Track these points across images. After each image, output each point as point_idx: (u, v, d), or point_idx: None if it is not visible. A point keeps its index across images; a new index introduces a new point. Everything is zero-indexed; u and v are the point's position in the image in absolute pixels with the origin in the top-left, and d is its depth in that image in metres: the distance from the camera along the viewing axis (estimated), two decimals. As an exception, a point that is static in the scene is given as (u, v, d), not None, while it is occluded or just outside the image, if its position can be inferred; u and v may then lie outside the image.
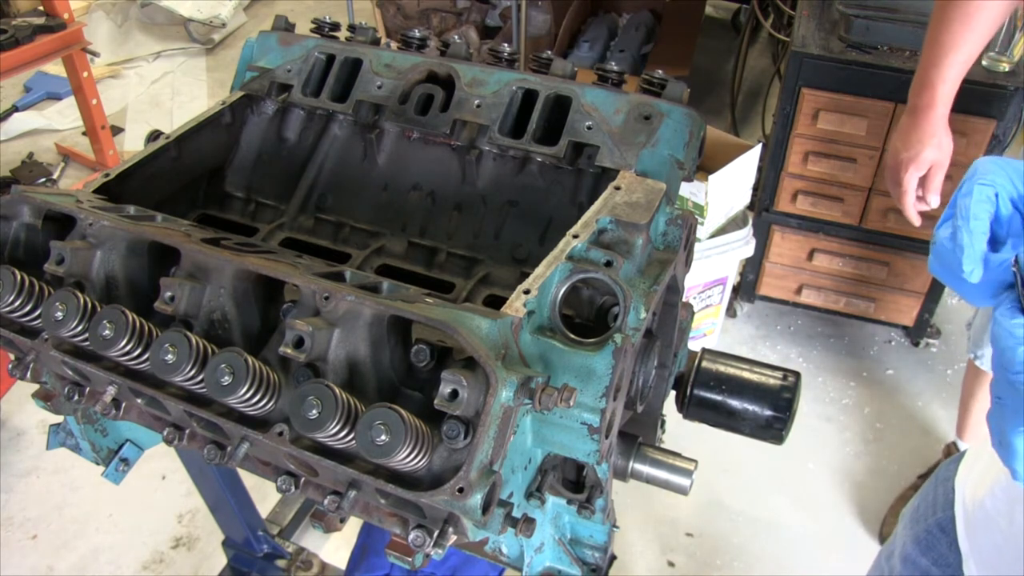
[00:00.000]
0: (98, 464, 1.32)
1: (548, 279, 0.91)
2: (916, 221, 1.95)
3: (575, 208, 1.19)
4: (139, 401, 0.96)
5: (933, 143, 1.82)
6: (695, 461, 1.14)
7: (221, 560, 2.38)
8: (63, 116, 4.66)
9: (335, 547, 2.57)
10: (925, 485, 1.44)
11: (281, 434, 0.83)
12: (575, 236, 0.97)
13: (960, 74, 1.78)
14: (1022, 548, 1.13)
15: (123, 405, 1.01)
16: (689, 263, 1.11)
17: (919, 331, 3.19)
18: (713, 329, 3.14)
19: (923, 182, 1.88)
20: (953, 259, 0.83)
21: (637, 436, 1.15)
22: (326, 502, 0.87)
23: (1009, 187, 0.84)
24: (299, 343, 0.82)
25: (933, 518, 1.35)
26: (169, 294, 0.91)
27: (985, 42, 1.77)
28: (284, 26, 1.37)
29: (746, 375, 1.21)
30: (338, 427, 0.76)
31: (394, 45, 1.33)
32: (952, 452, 2.67)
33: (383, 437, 0.73)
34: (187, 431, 0.97)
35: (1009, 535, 1.15)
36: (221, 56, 5.48)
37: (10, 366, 1.03)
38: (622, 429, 1.06)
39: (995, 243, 0.85)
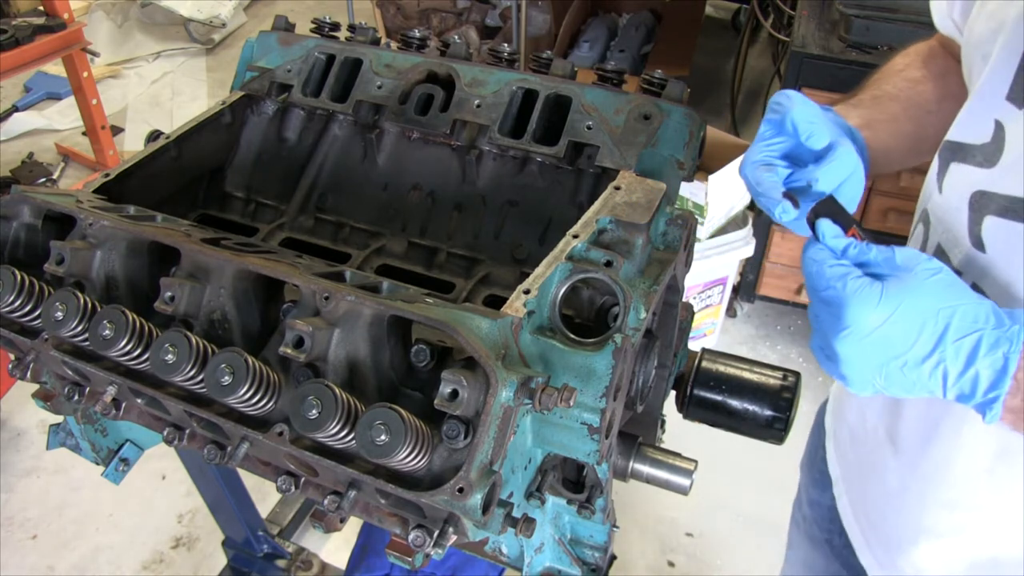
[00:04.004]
0: (98, 464, 1.32)
1: (548, 279, 0.91)
2: None
3: (575, 208, 1.19)
4: (139, 401, 0.96)
5: None
6: (695, 461, 1.14)
7: (221, 560, 2.38)
8: (63, 116, 4.65)
9: (335, 547, 2.57)
10: (810, 434, 1.53)
11: (281, 434, 0.83)
12: (575, 236, 0.97)
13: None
14: (870, 442, 1.21)
15: (123, 405, 1.01)
16: (689, 263, 1.11)
17: (919, 331, 3.19)
18: (713, 329, 3.14)
19: None
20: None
21: (637, 436, 1.15)
22: (326, 502, 0.87)
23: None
24: (299, 343, 0.82)
25: (819, 457, 1.44)
26: (169, 294, 0.91)
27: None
28: (284, 26, 1.37)
29: (746, 375, 1.21)
30: (338, 427, 0.76)
31: (394, 45, 1.33)
32: None
33: (383, 437, 0.73)
34: (187, 431, 0.97)
35: (863, 440, 1.25)
36: (221, 56, 5.48)
37: (10, 366, 1.03)
38: (622, 429, 1.06)
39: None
